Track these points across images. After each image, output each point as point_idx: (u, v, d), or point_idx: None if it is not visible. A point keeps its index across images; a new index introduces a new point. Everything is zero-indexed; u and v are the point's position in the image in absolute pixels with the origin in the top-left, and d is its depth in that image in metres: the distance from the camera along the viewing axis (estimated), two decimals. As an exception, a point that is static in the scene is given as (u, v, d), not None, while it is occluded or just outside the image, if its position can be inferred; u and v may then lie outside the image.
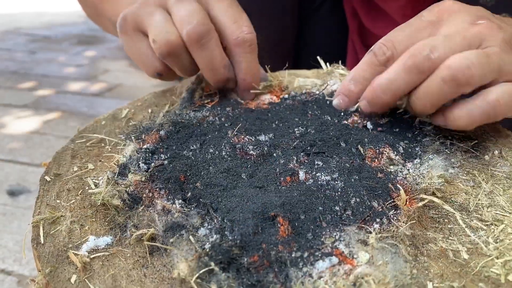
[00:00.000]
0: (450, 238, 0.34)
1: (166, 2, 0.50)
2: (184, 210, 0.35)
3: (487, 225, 0.35)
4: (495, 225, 0.35)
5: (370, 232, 0.33)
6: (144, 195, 0.37)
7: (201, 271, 0.30)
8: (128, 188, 0.37)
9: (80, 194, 0.39)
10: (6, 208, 1.46)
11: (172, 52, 0.48)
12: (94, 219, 0.36)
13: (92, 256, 0.33)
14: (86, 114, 2.24)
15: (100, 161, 0.43)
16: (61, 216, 0.36)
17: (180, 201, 0.36)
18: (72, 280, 0.31)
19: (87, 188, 0.39)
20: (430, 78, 0.40)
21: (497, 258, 0.32)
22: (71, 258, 0.32)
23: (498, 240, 0.33)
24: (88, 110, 2.30)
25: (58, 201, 0.38)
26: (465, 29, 0.42)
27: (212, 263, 0.30)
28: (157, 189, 0.37)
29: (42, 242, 0.34)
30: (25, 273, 1.20)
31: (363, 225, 0.34)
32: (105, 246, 0.34)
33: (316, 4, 0.76)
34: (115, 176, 0.39)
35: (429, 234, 0.34)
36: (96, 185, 0.39)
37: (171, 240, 0.33)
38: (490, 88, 0.40)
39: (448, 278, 0.31)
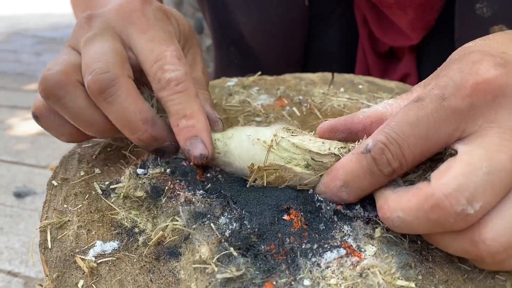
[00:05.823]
0: (456, 243, 0.34)
1: (78, 43, 0.41)
2: (207, 200, 0.37)
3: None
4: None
5: (377, 227, 0.34)
6: (166, 187, 0.39)
7: (221, 253, 0.32)
8: (150, 181, 0.39)
9: (87, 198, 0.39)
10: (12, 210, 1.47)
11: (50, 94, 0.38)
12: (100, 224, 0.36)
13: (99, 261, 0.33)
14: (92, 115, 2.25)
15: (106, 165, 0.44)
16: (68, 221, 0.37)
17: (201, 191, 0.38)
18: (80, 285, 0.31)
19: (93, 192, 0.40)
20: (458, 243, 0.29)
21: (503, 264, 0.32)
22: (78, 263, 0.33)
23: (503, 246, 0.33)
24: (93, 111, 2.31)
25: (65, 205, 0.39)
26: None
27: (232, 248, 0.32)
28: (178, 180, 0.39)
29: (50, 247, 0.34)
30: (31, 275, 1.21)
31: (370, 218, 0.35)
32: (111, 251, 0.34)
33: (326, 14, 0.75)
34: (137, 168, 0.41)
35: (434, 240, 0.34)
36: (102, 190, 0.40)
37: (194, 226, 0.35)
38: None
39: (454, 284, 0.31)
